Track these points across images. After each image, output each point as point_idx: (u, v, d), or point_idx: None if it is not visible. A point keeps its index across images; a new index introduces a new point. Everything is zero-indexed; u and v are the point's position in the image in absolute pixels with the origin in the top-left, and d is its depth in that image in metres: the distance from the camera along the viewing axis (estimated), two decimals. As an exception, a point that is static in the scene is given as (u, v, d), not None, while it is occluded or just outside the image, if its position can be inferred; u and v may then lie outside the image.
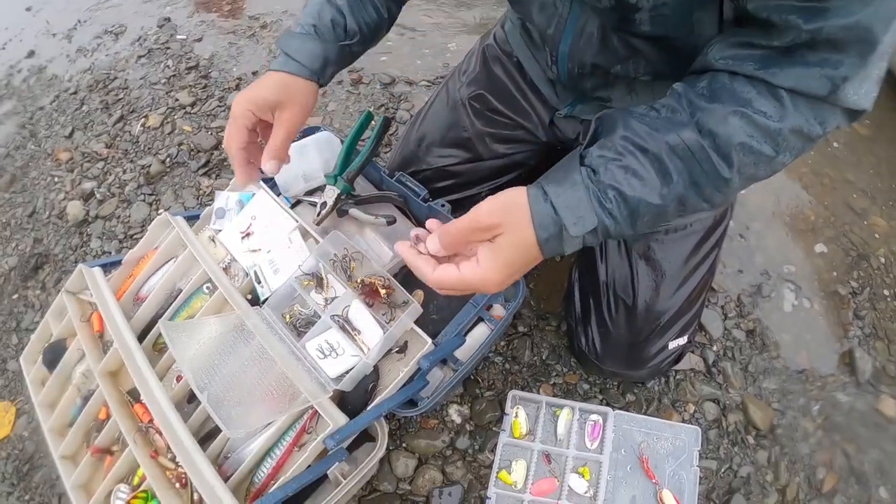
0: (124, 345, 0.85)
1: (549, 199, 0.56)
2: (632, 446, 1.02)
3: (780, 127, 0.53)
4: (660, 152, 0.55)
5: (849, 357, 1.18)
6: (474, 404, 1.10)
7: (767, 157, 0.55)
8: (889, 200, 1.45)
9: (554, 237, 0.57)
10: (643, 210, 0.56)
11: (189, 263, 0.96)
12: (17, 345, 1.36)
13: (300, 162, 0.99)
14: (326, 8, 0.81)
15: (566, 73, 0.82)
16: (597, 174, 0.56)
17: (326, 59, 0.80)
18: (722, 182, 0.56)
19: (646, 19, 0.63)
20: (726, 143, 0.53)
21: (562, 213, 0.55)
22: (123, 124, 1.75)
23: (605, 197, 0.55)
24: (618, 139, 0.57)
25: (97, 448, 0.87)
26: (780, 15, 0.49)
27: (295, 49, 0.78)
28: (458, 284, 0.59)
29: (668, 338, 0.98)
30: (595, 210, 0.56)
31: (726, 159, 0.54)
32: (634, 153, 0.56)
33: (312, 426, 0.79)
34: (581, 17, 0.72)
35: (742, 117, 0.53)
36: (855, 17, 0.47)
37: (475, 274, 0.58)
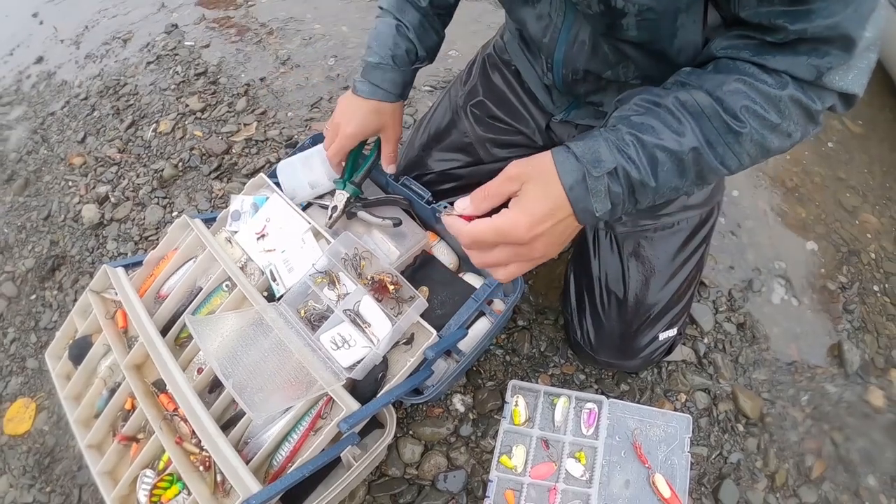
0: (149, 339, 0.92)
1: (571, 150, 0.60)
2: (625, 433, 1.09)
3: (780, 94, 0.58)
4: (670, 105, 0.60)
5: (837, 349, 1.24)
6: (477, 394, 1.17)
7: (772, 123, 0.59)
8: (881, 198, 1.51)
9: (578, 183, 0.59)
10: (661, 157, 0.59)
11: (208, 263, 1.03)
12: (35, 343, 1.42)
13: (306, 171, 1.06)
14: (399, 40, 0.95)
15: (561, 79, 0.89)
16: (615, 127, 0.61)
17: (405, 82, 0.98)
18: (733, 139, 0.60)
19: (632, 24, 0.68)
20: (732, 105, 0.58)
21: (582, 158, 0.59)
22: (135, 129, 1.82)
23: (623, 143, 0.59)
24: (632, 103, 0.63)
25: (124, 436, 0.94)
26: (769, 19, 0.56)
27: (380, 80, 0.95)
28: (490, 231, 0.61)
29: (658, 329, 1.05)
30: (614, 154, 0.59)
31: (735, 117, 0.58)
32: (649, 108, 0.61)
33: (327, 412, 0.87)
34: (574, 26, 0.78)
35: (745, 84, 0.58)
36: (836, 17, 0.53)
37: (505, 218, 0.60)
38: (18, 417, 1.32)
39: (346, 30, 2.06)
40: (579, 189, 0.59)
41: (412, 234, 1.03)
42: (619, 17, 0.67)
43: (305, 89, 1.84)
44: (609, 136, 0.60)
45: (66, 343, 1.12)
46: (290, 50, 1.99)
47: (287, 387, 0.85)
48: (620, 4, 0.64)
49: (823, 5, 0.53)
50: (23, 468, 1.24)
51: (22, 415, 1.32)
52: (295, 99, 1.81)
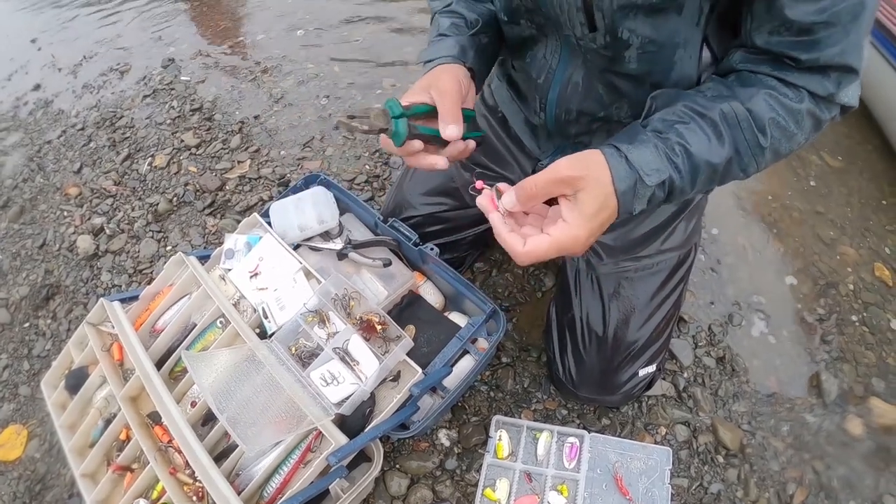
0: (144, 373, 0.98)
1: (624, 154, 0.64)
2: (607, 466, 1.14)
3: (799, 107, 0.67)
4: (715, 118, 0.67)
5: (816, 380, 1.29)
6: (462, 429, 1.22)
7: (791, 133, 0.68)
8: (859, 229, 1.58)
9: (630, 189, 0.64)
10: (703, 167, 0.66)
11: (203, 299, 1.10)
12: (28, 371, 1.46)
13: (297, 214, 1.14)
14: (444, 19, 0.91)
15: (553, 119, 0.93)
16: (663, 134, 0.66)
17: (462, 46, 0.86)
18: (759, 150, 0.68)
19: (633, 57, 0.74)
20: (760, 117, 0.66)
21: (636, 165, 0.63)
22: (131, 162, 1.89)
23: (672, 152, 0.65)
24: (679, 107, 0.68)
25: (118, 466, 0.99)
26: (781, 49, 0.65)
27: (431, 53, 0.87)
28: (551, 250, 0.63)
29: (638, 366, 1.11)
30: (664, 163, 0.65)
31: (762, 131, 0.66)
32: (695, 118, 0.67)
33: (317, 445, 0.93)
34: (569, 67, 0.85)
35: (771, 97, 0.66)
36: (840, 45, 0.62)
37: (566, 233, 0.63)
38: (10, 444, 1.35)
39: (338, 70, 2.14)
40: (629, 195, 0.65)
41: (400, 274, 1.11)
42: (623, 48, 0.74)
43: (298, 128, 1.92)
44: (659, 144, 0.65)
45: (62, 373, 1.17)
46: (283, 88, 2.08)
47: (278, 421, 0.91)
48: (626, 35, 0.71)
49: (827, 34, 0.62)
50: (13, 494, 1.27)
51: (13, 441, 1.36)
52: (288, 138, 1.89)
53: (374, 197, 1.66)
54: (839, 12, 0.60)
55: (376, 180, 1.70)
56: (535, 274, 1.46)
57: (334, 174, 1.74)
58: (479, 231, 1.25)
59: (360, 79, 2.08)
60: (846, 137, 1.82)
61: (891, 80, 1.63)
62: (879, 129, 1.80)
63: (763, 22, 0.66)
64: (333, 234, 1.16)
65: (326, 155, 1.81)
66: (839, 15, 0.60)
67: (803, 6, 0.61)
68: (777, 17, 0.63)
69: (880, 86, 1.69)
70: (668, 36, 0.72)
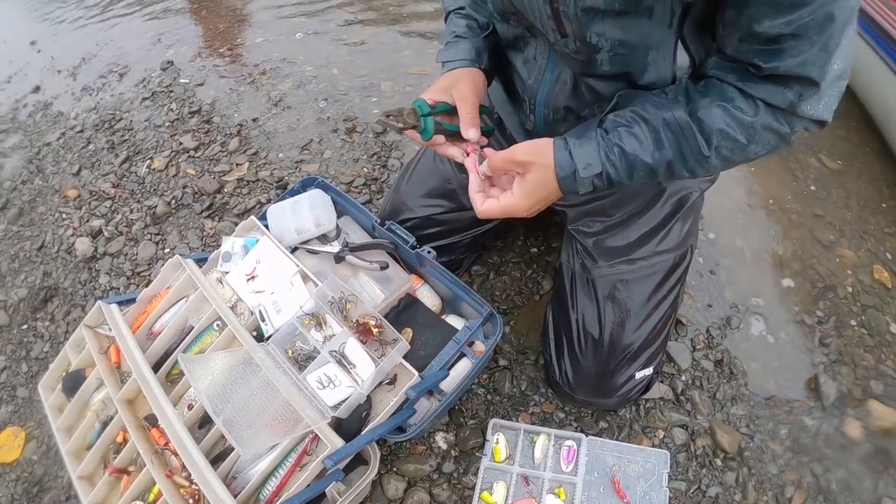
0: (141, 375, 0.99)
1: (569, 148, 0.77)
2: (604, 469, 1.15)
3: (753, 121, 0.71)
4: (657, 124, 0.75)
5: (815, 382, 1.29)
6: (459, 432, 1.22)
7: (741, 144, 0.72)
8: (858, 231, 1.58)
9: (569, 176, 0.77)
10: (638, 166, 0.76)
11: (200, 302, 1.10)
12: (26, 373, 1.47)
13: (294, 217, 1.15)
14: (459, 20, 0.99)
15: (542, 119, 0.96)
16: (608, 134, 0.76)
17: (478, 48, 0.96)
18: (702, 158, 0.74)
19: (605, 59, 0.77)
20: (709, 127, 0.72)
21: (576, 159, 0.76)
22: (129, 165, 1.90)
23: (611, 151, 0.76)
24: (628, 111, 0.77)
25: (115, 468, 1.00)
26: (748, 57, 0.68)
27: (450, 55, 0.96)
28: (498, 210, 0.82)
29: (635, 368, 1.11)
30: (602, 160, 0.76)
31: (707, 140, 0.73)
32: (638, 122, 0.76)
33: (313, 448, 0.93)
34: (557, 67, 0.88)
35: (723, 110, 0.71)
36: (803, 56, 0.63)
37: (510, 202, 0.81)
38: (7, 446, 1.36)
39: (337, 72, 2.15)
40: (569, 180, 0.78)
41: (397, 277, 1.11)
42: (594, 52, 0.77)
43: (297, 131, 1.92)
44: (601, 143, 0.76)
45: (59, 375, 1.17)
46: (282, 91, 2.08)
47: (274, 424, 0.91)
48: (595, 40, 0.74)
49: (793, 44, 0.63)
50: (10, 496, 1.28)
51: (11, 443, 1.36)
52: (286, 140, 1.89)
53: (372, 199, 1.67)
54: (806, 24, 0.61)
55: (374, 183, 1.71)
56: (532, 277, 1.46)
57: (332, 177, 1.74)
58: (477, 233, 1.26)
59: (359, 81, 2.09)
60: (844, 140, 1.83)
61: (889, 83, 1.63)
62: (878, 131, 1.80)
63: (733, 30, 0.68)
64: (331, 237, 1.17)
65: (324, 158, 1.82)
66: (806, 27, 0.61)
67: (770, 20, 0.62)
68: (745, 27, 0.65)
69: (879, 88, 1.70)
70: (639, 38, 0.73)
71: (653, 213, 1.07)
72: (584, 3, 0.69)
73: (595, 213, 1.09)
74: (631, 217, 1.07)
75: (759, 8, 0.62)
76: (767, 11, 0.62)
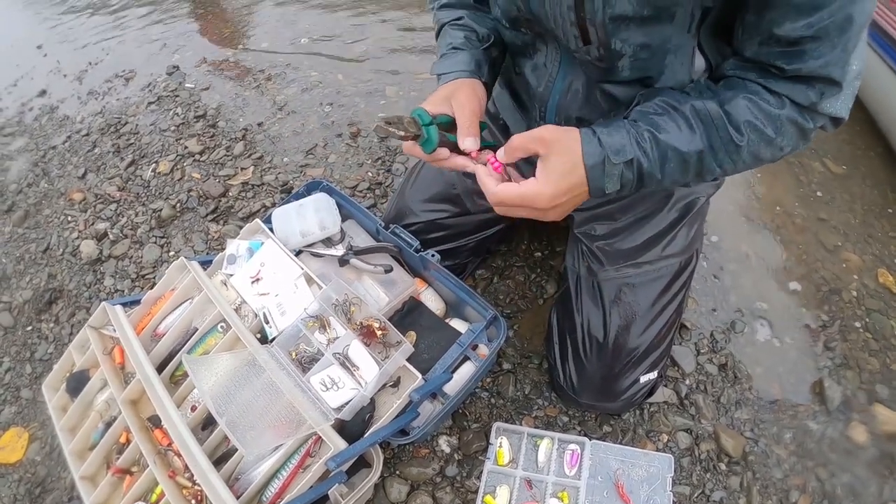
0: (145, 376, 0.99)
1: (597, 135, 0.72)
2: (608, 473, 1.14)
3: (779, 114, 0.70)
4: (686, 112, 0.72)
5: (819, 387, 1.29)
6: (462, 435, 1.22)
7: (769, 137, 0.71)
8: (862, 235, 1.58)
9: (598, 165, 0.71)
10: (671, 154, 0.72)
11: (204, 304, 1.10)
12: (30, 374, 1.48)
13: (299, 220, 1.15)
14: (457, 31, 0.95)
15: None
16: (636, 122, 0.73)
17: (477, 60, 0.91)
18: (734, 148, 0.72)
19: (626, 65, 0.77)
20: (737, 118, 0.70)
21: (606, 146, 0.71)
22: (135, 168, 1.92)
23: (641, 138, 0.71)
24: (656, 100, 0.75)
25: (118, 468, 1.00)
26: (769, 59, 0.68)
27: (448, 66, 0.91)
28: (516, 198, 0.74)
29: (639, 373, 1.11)
30: (633, 146, 0.71)
31: (738, 130, 0.70)
32: (668, 110, 0.73)
33: (316, 450, 0.93)
34: (568, 75, 0.88)
35: (751, 101, 0.70)
36: (825, 58, 0.64)
37: (532, 187, 0.73)
38: (11, 446, 1.36)
39: (342, 77, 2.16)
40: (598, 170, 0.72)
41: (401, 280, 1.12)
42: (616, 58, 0.77)
43: (301, 136, 1.93)
44: (630, 129, 0.72)
45: (63, 375, 1.18)
46: (287, 96, 2.10)
47: (278, 425, 0.91)
48: (618, 46, 0.74)
49: (814, 46, 0.64)
50: (13, 497, 1.28)
51: (14, 444, 1.37)
52: (291, 145, 1.90)
53: (377, 204, 1.67)
54: (826, 27, 0.62)
55: (378, 187, 1.72)
56: (536, 281, 1.46)
57: (337, 181, 1.75)
58: (481, 238, 1.27)
59: (364, 86, 2.10)
60: (849, 144, 1.83)
61: (894, 88, 1.64)
62: (883, 136, 1.80)
63: (753, 34, 0.68)
64: (335, 240, 1.17)
65: (329, 162, 1.83)
66: (827, 30, 0.62)
67: (791, 22, 0.63)
68: (766, 30, 0.66)
69: (884, 93, 1.70)
70: (660, 43, 0.74)
71: (660, 217, 1.07)
72: (612, 11, 0.69)
73: (602, 217, 1.10)
74: (638, 221, 1.07)
75: (780, 11, 0.63)
76: (788, 14, 0.63)
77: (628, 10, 0.68)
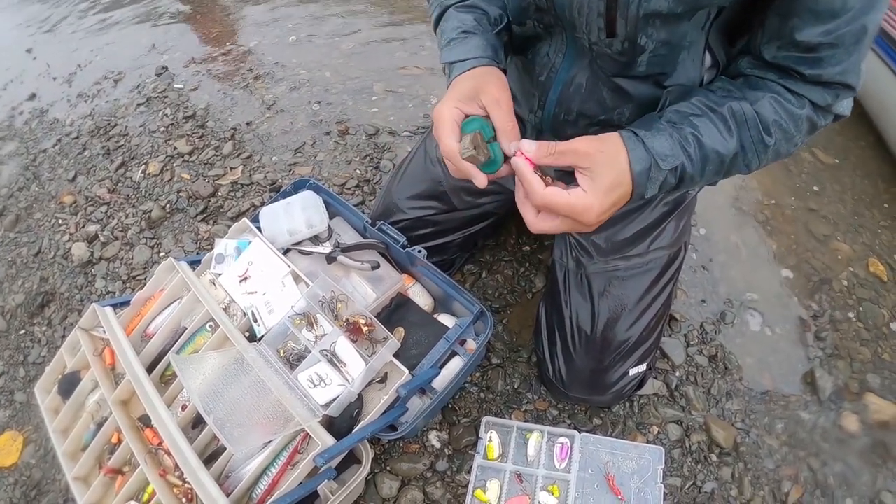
0: (135, 376, 1.00)
1: (641, 139, 0.69)
2: (598, 466, 1.15)
3: (800, 113, 0.72)
4: (725, 113, 0.72)
5: (811, 377, 1.30)
6: (452, 430, 1.23)
7: (790, 135, 0.73)
8: (852, 225, 1.59)
9: (644, 171, 0.69)
10: (712, 157, 0.72)
11: (193, 304, 1.11)
12: (24, 377, 1.48)
13: (287, 218, 1.16)
14: (465, 14, 0.85)
15: (551, 118, 0.93)
16: (677, 125, 0.71)
17: (493, 46, 0.83)
18: (762, 148, 0.73)
19: (645, 60, 0.77)
20: (765, 119, 0.72)
21: (652, 150, 0.69)
22: (125, 170, 1.92)
23: (686, 141, 0.70)
24: (693, 100, 0.74)
25: (110, 468, 1.01)
26: (788, 63, 0.70)
27: (462, 52, 0.81)
28: (565, 207, 0.67)
29: (629, 365, 1.12)
30: (677, 150, 0.70)
31: (767, 131, 0.72)
32: (707, 112, 0.72)
33: (304, 447, 0.94)
34: (573, 68, 0.86)
35: (776, 102, 0.72)
36: (842, 65, 0.67)
37: (583, 199, 0.66)
38: (6, 450, 1.37)
39: (330, 75, 2.17)
40: (644, 176, 0.70)
41: (388, 277, 1.13)
42: (638, 53, 0.76)
43: (290, 134, 1.94)
44: (674, 133, 0.70)
45: (55, 378, 1.19)
46: (275, 95, 2.10)
47: (266, 423, 0.92)
48: (643, 41, 0.74)
49: (830, 54, 0.67)
50: (9, 500, 1.29)
51: (9, 447, 1.37)
52: (280, 143, 1.91)
53: (365, 201, 1.68)
54: (844, 35, 0.65)
55: (367, 184, 1.72)
56: (525, 275, 1.47)
57: (325, 179, 1.76)
58: (468, 233, 1.27)
59: (351, 84, 2.11)
60: (839, 134, 1.84)
61: (885, 78, 1.65)
62: (873, 126, 1.81)
63: (773, 38, 0.70)
64: (323, 237, 1.18)
65: (318, 160, 1.83)
66: (844, 38, 0.65)
67: (812, 28, 0.65)
68: (787, 35, 0.68)
69: (874, 83, 1.71)
70: (678, 39, 0.75)
71: (649, 211, 1.07)
72: (647, 7, 0.68)
73: None
74: (627, 214, 1.07)
75: (803, 18, 0.65)
76: (809, 20, 0.65)
77: (663, 7, 0.68)
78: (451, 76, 0.81)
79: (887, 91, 1.68)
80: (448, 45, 0.83)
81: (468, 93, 0.76)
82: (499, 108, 0.74)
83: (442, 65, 0.85)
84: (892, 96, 1.67)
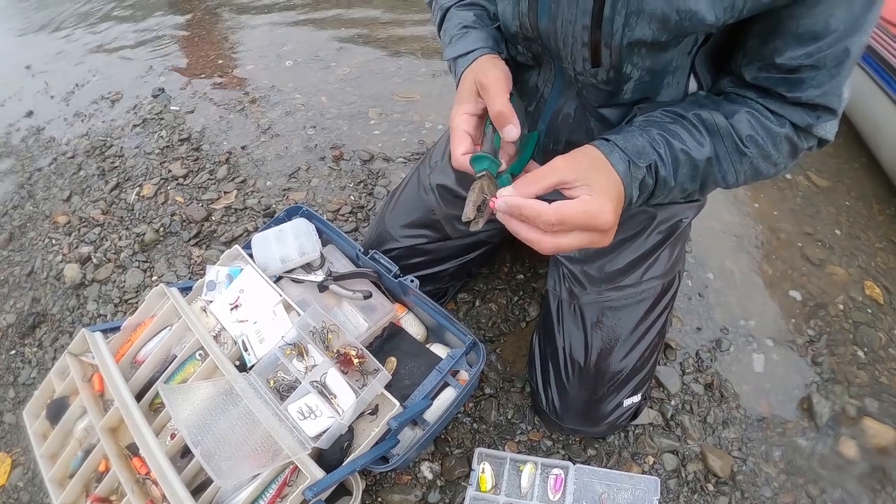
0: (124, 404, 0.99)
1: (614, 142, 0.68)
2: (593, 497, 1.14)
3: (779, 131, 0.71)
4: (693, 119, 0.72)
5: (808, 402, 1.29)
6: (444, 461, 1.22)
7: (767, 153, 0.72)
8: (848, 248, 1.59)
9: (626, 170, 0.67)
10: (682, 159, 0.71)
11: (183, 331, 1.11)
12: (13, 398, 1.47)
13: (279, 246, 1.16)
14: (465, 11, 0.87)
15: (542, 148, 0.93)
16: (645, 129, 0.71)
17: (494, 37, 0.83)
18: (738, 158, 0.72)
19: (630, 88, 0.77)
20: (740, 131, 0.71)
21: (626, 149, 0.68)
22: (119, 192, 1.92)
23: (654, 141, 0.70)
24: (658, 111, 0.74)
25: (97, 497, 1.00)
26: (769, 84, 0.70)
27: (462, 46, 0.82)
28: (581, 214, 0.60)
29: (623, 396, 1.11)
30: (650, 149, 0.69)
31: (742, 142, 0.71)
32: (675, 118, 0.72)
33: (293, 480, 0.93)
34: (561, 98, 0.86)
35: (752, 117, 0.71)
36: (823, 87, 0.67)
37: (592, 202, 0.61)
38: (-7, 472, 1.36)
39: (325, 100, 2.18)
40: (627, 176, 0.67)
41: (380, 306, 1.12)
42: (624, 82, 0.76)
43: (284, 159, 1.94)
44: (643, 134, 0.70)
45: (44, 402, 1.18)
46: (271, 119, 2.11)
47: (254, 455, 0.92)
48: (629, 70, 0.74)
49: (811, 76, 0.66)
50: (-4, 524, 1.27)
51: (-3, 469, 1.36)
52: (274, 168, 1.91)
53: (359, 228, 1.68)
54: (825, 57, 0.64)
55: (360, 211, 1.73)
56: (518, 304, 1.47)
57: (319, 205, 1.76)
58: (461, 262, 1.27)
59: (347, 109, 2.12)
60: (833, 157, 1.85)
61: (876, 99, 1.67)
62: (866, 147, 1.83)
63: (754, 60, 0.70)
64: (315, 265, 1.18)
65: (312, 185, 1.83)
66: (825, 59, 0.65)
67: (793, 51, 0.65)
68: (767, 57, 0.68)
69: (866, 104, 1.73)
70: (663, 65, 0.75)
71: (642, 239, 1.07)
72: (632, 36, 0.68)
73: None
74: (621, 243, 1.07)
75: (783, 40, 0.65)
76: (790, 43, 0.65)
77: (647, 36, 0.67)
78: (457, 74, 0.82)
79: (880, 112, 1.69)
80: (451, 43, 0.85)
81: (470, 89, 0.76)
82: (490, 92, 0.72)
83: (447, 64, 0.86)
84: (886, 118, 1.69)
